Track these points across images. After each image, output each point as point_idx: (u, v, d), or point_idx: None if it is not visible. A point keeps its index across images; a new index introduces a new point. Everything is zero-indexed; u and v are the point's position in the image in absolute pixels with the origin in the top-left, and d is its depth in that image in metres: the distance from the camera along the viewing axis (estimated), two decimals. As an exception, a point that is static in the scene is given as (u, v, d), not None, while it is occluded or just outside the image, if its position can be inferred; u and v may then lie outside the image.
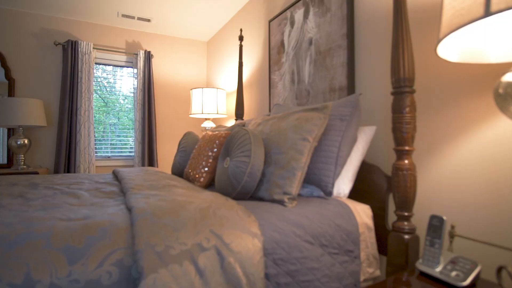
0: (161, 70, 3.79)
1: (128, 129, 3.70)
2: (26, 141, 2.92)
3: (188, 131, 2.09)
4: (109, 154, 3.59)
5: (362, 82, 1.59)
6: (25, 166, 2.93)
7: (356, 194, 1.45)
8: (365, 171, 1.41)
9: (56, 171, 3.15)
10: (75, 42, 3.25)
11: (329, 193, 1.26)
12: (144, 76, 3.53)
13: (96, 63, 3.51)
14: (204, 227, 0.86)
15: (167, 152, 3.80)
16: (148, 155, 3.51)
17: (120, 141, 3.66)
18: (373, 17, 1.55)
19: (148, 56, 3.55)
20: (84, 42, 3.28)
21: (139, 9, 3.16)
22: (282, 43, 2.20)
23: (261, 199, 1.28)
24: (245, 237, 0.89)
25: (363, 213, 1.22)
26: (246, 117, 2.80)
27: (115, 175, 2.00)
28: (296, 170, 1.18)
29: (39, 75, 3.23)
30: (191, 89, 3.00)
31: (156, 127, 3.62)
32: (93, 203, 1.17)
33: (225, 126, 2.15)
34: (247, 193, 1.27)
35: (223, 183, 1.35)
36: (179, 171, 1.96)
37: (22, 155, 2.93)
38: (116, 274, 0.72)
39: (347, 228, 1.13)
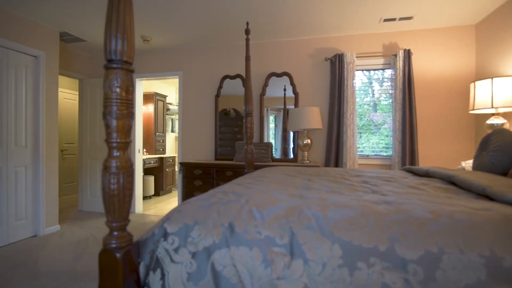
0: (421, 66, 3.63)
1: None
2: (309, 141, 3.67)
3: (499, 128, 1.85)
4: (368, 153, 3.86)
5: None
6: (308, 161, 3.68)
7: None
8: None
9: (326, 166, 3.75)
10: (341, 55, 3.73)
11: None
12: (404, 75, 3.52)
13: (356, 70, 3.88)
14: None
15: (428, 152, 3.60)
16: (410, 154, 3.47)
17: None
18: None
19: (408, 55, 3.51)
20: (349, 54, 3.70)
21: (401, 10, 3.18)
22: None
23: None
24: None
25: None
26: None
27: (411, 171, 2.10)
28: None
29: (313, 87, 3.97)
30: (473, 81, 2.66)
31: (417, 126, 3.52)
32: (448, 196, 1.25)
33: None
34: None
35: None
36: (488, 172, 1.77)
37: (306, 152, 3.71)
38: None
39: None
